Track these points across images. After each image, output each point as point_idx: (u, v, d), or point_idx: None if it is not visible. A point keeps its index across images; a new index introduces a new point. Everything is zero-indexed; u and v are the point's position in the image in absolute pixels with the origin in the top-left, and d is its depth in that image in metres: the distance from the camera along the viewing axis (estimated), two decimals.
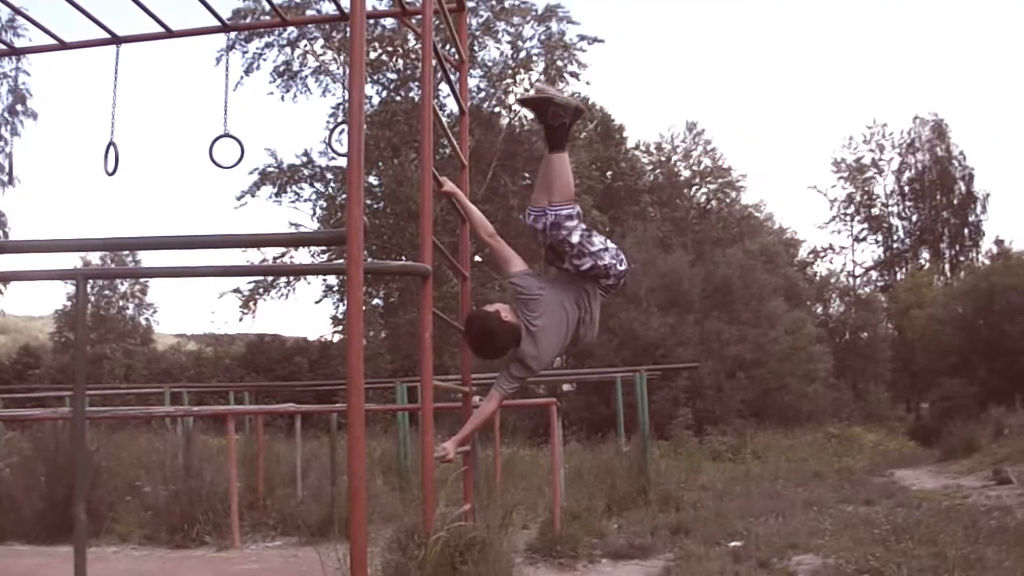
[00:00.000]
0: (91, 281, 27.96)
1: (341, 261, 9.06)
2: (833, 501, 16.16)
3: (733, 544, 11.60)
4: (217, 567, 10.44)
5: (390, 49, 43.76)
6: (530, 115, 7.28)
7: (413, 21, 10.17)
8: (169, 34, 10.50)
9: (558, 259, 7.25)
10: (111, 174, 10.47)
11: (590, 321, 7.24)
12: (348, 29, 6.47)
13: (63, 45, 10.77)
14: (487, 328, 7.20)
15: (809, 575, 9.71)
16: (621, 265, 7.24)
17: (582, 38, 44.71)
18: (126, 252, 40.75)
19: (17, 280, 7.86)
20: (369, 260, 6.48)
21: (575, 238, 7.08)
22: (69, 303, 48.75)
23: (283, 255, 41.72)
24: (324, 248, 39.66)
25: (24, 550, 11.26)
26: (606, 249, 7.17)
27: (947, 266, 62.42)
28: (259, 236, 7.82)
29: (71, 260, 33.56)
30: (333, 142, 14.00)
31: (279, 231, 42.99)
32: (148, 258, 25.69)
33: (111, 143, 10.51)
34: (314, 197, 46.00)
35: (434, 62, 7.65)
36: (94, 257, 42.12)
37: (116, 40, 10.54)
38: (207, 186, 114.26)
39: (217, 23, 10.58)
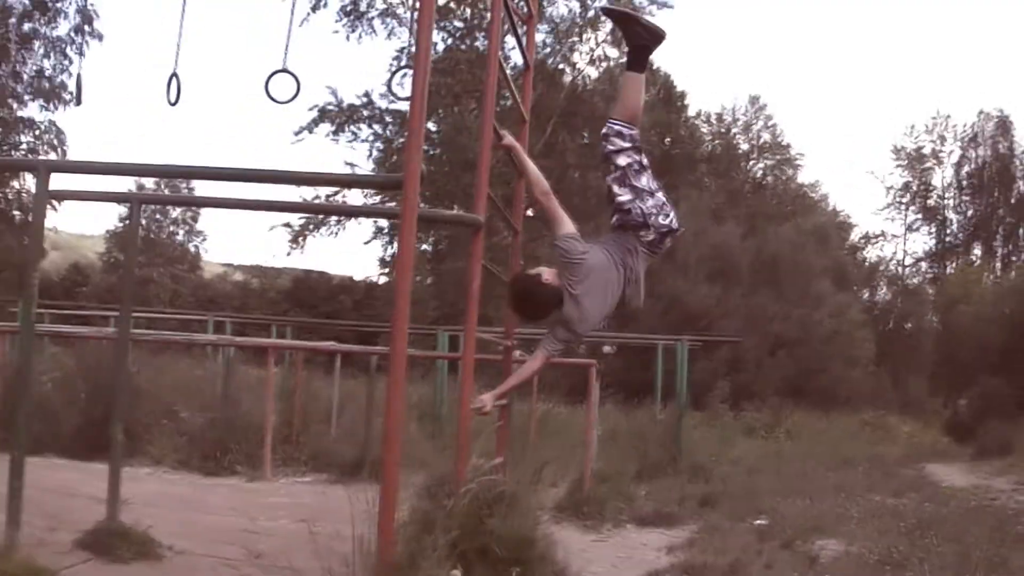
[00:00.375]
0: (144, 205, 28.08)
1: (395, 204, 9.06)
2: (862, 489, 16.10)
3: (759, 522, 11.62)
4: (247, 497, 10.54)
5: None
6: (610, 25, 7.24)
7: None
8: None
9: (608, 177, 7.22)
10: (173, 104, 10.48)
11: (636, 283, 7.12)
12: None
13: None
14: (527, 290, 7.20)
15: (831, 561, 9.70)
16: (664, 219, 7.07)
17: (652, 2, 44.50)
18: (180, 180, 40.88)
19: (73, 199, 7.88)
20: (423, 207, 6.48)
21: (622, 160, 7.07)
22: (120, 224, 49.01)
23: (336, 193, 41.80)
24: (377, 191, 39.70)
25: (60, 463, 11.38)
26: (652, 194, 7.08)
27: (998, 264, 61.88)
28: (314, 175, 7.77)
29: (126, 183, 33.74)
30: (394, 85, 13.95)
31: (334, 170, 43.15)
32: (202, 187, 25.74)
33: (174, 73, 10.53)
34: (371, 138, 45.99)
35: (502, 14, 7.63)
36: (148, 182, 42.35)
37: None
38: (267, 119, 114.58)
39: None
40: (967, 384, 43.40)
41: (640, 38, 7.19)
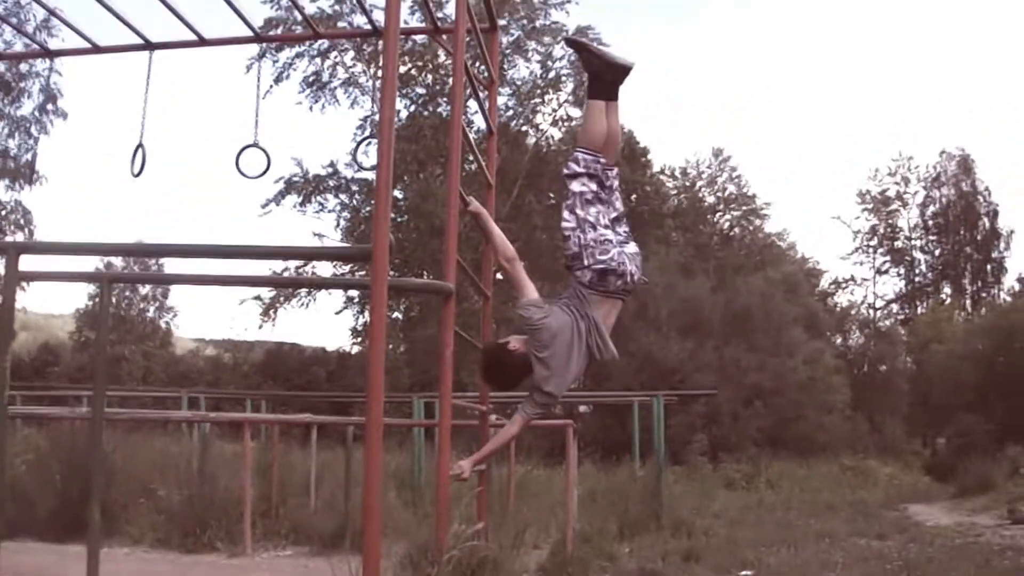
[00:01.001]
0: (114, 283, 28.08)
1: (364, 273, 9.11)
2: (846, 534, 16.12)
3: (744, 573, 11.60)
4: (228, 574, 10.49)
5: (420, 64, 43.91)
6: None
7: (444, 38, 10.19)
8: (202, 42, 10.58)
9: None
10: (137, 175, 10.53)
11: (597, 331, 7.04)
12: (380, 43, 6.51)
13: (97, 49, 10.86)
14: (496, 359, 7.27)
15: None
16: (602, 255, 6.97)
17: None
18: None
19: (43, 280, 7.89)
20: (392, 275, 6.48)
21: (575, 186, 7.09)
22: (90, 303, 48.84)
23: (305, 265, 41.83)
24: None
25: (36, 547, 11.28)
26: (595, 227, 7.04)
27: (968, 302, 62.29)
28: (284, 248, 7.82)
29: (94, 261, 33.70)
30: (359, 155, 13.94)
31: (303, 241, 43.18)
32: (172, 262, 25.73)
33: (139, 145, 10.58)
34: (338, 208, 46.22)
35: (464, 81, 7.69)
36: (117, 259, 42.27)
37: (150, 46, 10.62)
38: (232, 192, 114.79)
39: (250, 33, 10.66)
40: (944, 423, 43.60)
41: (591, 65, 7.27)
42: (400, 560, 6.96)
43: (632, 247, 7.22)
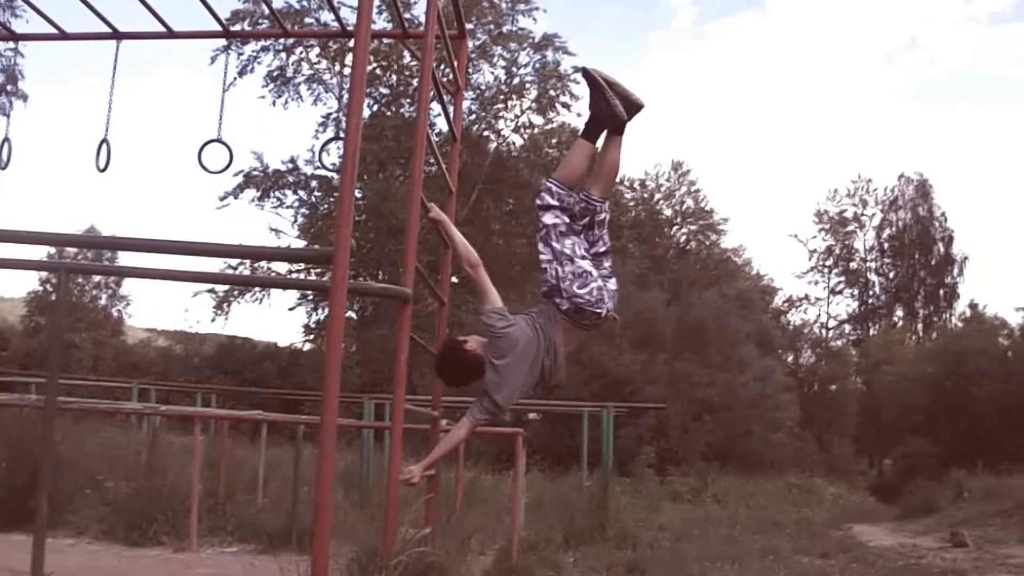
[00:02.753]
0: None
1: (319, 271, 9.09)
2: (790, 551, 16.19)
3: None
4: (173, 568, 10.43)
5: (385, 64, 43.82)
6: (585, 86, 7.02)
7: (412, 43, 10.19)
8: (170, 34, 10.53)
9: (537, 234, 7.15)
10: (102, 170, 10.48)
11: (554, 354, 7.05)
12: (346, 42, 6.52)
13: (63, 35, 10.79)
14: (450, 355, 7.27)
15: None
16: (581, 289, 6.92)
17: (576, 70, 44.92)
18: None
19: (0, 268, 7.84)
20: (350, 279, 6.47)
21: (548, 219, 7.01)
22: (42, 288, 48.55)
23: (260, 260, 41.64)
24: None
25: None
26: (572, 260, 6.96)
27: (920, 325, 62.77)
28: (243, 248, 7.78)
29: (47, 248, 33.55)
30: (322, 155, 13.90)
31: (259, 235, 43.03)
32: (128, 254, 25.60)
33: (104, 140, 10.53)
34: (296, 204, 46.11)
35: (430, 87, 7.69)
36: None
37: (117, 35, 10.56)
38: (192, 183, 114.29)
39: (219, 27, 10.63)
40: (891, 444, 43.96)
41: (598, 107, 7.10)
42: (348, 563, 6.96)
43: (613, 283, 7.22)
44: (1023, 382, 38.43)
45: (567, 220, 7.04)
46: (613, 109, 7.03)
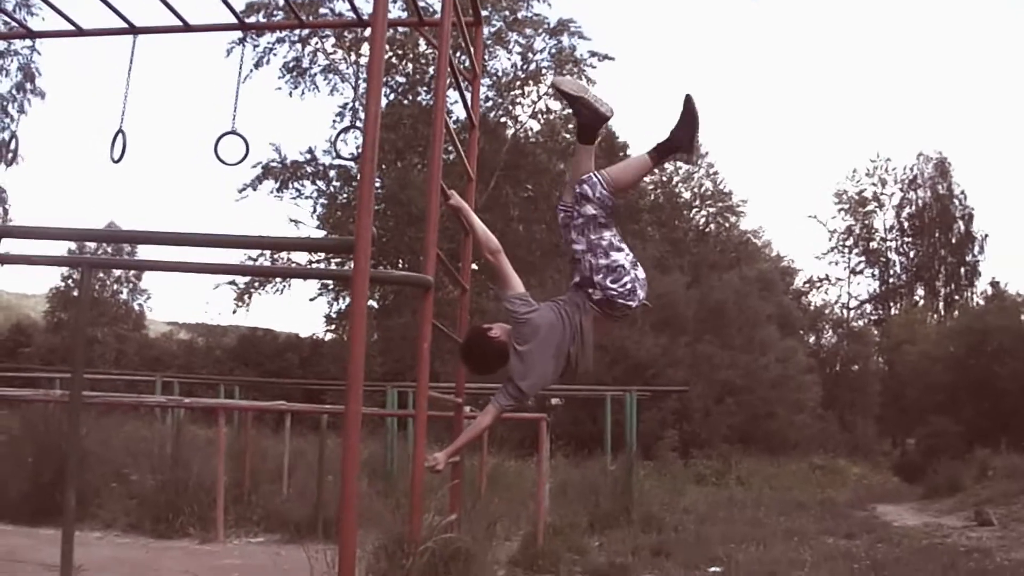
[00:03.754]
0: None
1: (341, 262, 9.08)
2: (814, 532, 16.19)
3: (713, 570, 11.64)
4: (200, 560, 10.47)
5: (400, 52, 43.79)
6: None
7: (428, 30, 10.18)
8: (186, 28, 10.55)
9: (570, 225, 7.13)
10: (117, 161, 10.47)
11: (581, 341, 7.04)
12: (362, 31, 6.53)
13: (80, 32, 10.81)
14: (475, 342, 7.29)
15: None
16: (613, 283, 6.96)
17: (593, 54, 44.92)
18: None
19: (22, 264, 7.86)
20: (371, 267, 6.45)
21: (589, 209, 7.00)
22: (63, 284, 48.69)
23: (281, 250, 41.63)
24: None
25: (8, 529, 11.28)
26: (607, 254, 6.99)
27: (941, 304, 62.45)
28: (263, 239, 7.78)
29: (69, 243, 33.64)
30: (338, 144, 13.91)
31: (279, 226, 43.04)
32: (148, 249, 25.74)
33: (120, 131, 10.52)
34: (315, 195, 46.17)
35: (448, 74, 7.70)
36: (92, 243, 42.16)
37: (133, 30, 10.57)
38: (210, 176, 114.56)
39: (234, 19, 10.65)
40: (915, 424, 43.68)
41: (583, 116, 7.23)
42: (374, 551, 6.98)
43: (641, 272, 7.21)
44: None
45: (605, 214, 7.03)
46: (595, 111, 7.27)
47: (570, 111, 7.53)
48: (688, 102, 7.11)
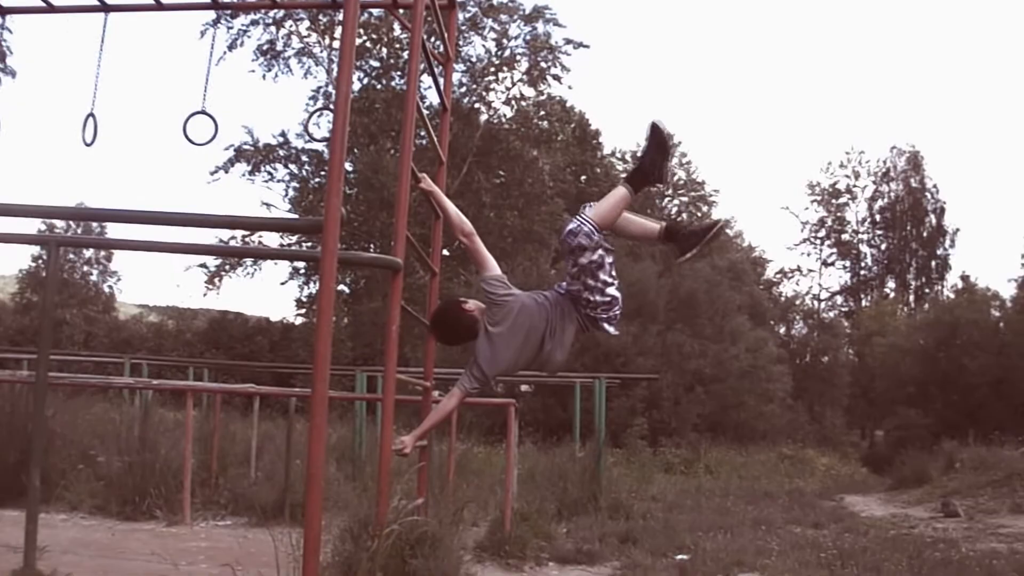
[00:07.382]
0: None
1: (312, 244, 9.05)
2: (782, 521, 16.23)
3: (680, 557, 11.65)
4: (166, 542, 10.42)
5: (375, 37, 43.71)
6: (644, 140, 6.98)
7: (402, 13, 10.13)
8: (159, 6, 10.45)
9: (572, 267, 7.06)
10: (89, 144, 10.40)
11: (556, 342, 7.05)
12: (336, 14, 6.50)
13: (51, 8, 10.69)
14: (446, 311, 7.28)
15: None
16: (606, 316, 7.12)
17: (568, 41, 44.97)
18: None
19: None
20: (341, 247, 6.37)
21: (584, 259, 6.93)
22: (34, 264, 48.48)
23: (252, 234, 41.49)
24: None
25: None
26: (602, 291, 7.02)
27: (912, 297, 62.82)
28: (233, 218, 7.71)
29: (36, 224, 33.49)
30: (310, 126, 13.81)
31: (250, 209, 42.91)
32: (119, 228, 25.56)
33: (91, 114, 10.44)
34: (287, 178, 46.09)
35: (420, 58, 7.66)
36: (60, 222, 41.99)
37: (105, 8, 10.45)
38: (182, 159, 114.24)
39: None
40: (883, 415, 44.01)
41: (648, 163, 7.13)
42: (340, 533, 6.97)
43: (619, 297, 7.26)
44: (1014, 353, 38.48)
45: (599, 255, 7.02)
46: (659, 168, 7.14)
47: (639, 152, 7.50)
48: (655, 130, 7.06)
